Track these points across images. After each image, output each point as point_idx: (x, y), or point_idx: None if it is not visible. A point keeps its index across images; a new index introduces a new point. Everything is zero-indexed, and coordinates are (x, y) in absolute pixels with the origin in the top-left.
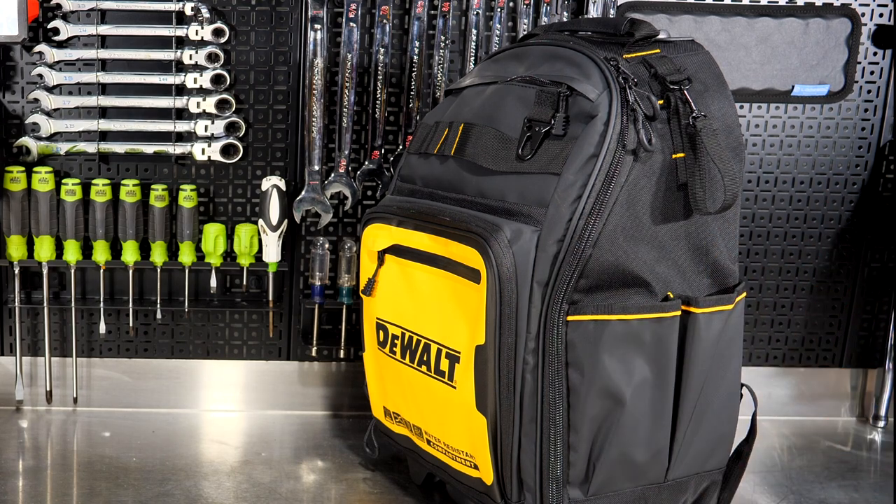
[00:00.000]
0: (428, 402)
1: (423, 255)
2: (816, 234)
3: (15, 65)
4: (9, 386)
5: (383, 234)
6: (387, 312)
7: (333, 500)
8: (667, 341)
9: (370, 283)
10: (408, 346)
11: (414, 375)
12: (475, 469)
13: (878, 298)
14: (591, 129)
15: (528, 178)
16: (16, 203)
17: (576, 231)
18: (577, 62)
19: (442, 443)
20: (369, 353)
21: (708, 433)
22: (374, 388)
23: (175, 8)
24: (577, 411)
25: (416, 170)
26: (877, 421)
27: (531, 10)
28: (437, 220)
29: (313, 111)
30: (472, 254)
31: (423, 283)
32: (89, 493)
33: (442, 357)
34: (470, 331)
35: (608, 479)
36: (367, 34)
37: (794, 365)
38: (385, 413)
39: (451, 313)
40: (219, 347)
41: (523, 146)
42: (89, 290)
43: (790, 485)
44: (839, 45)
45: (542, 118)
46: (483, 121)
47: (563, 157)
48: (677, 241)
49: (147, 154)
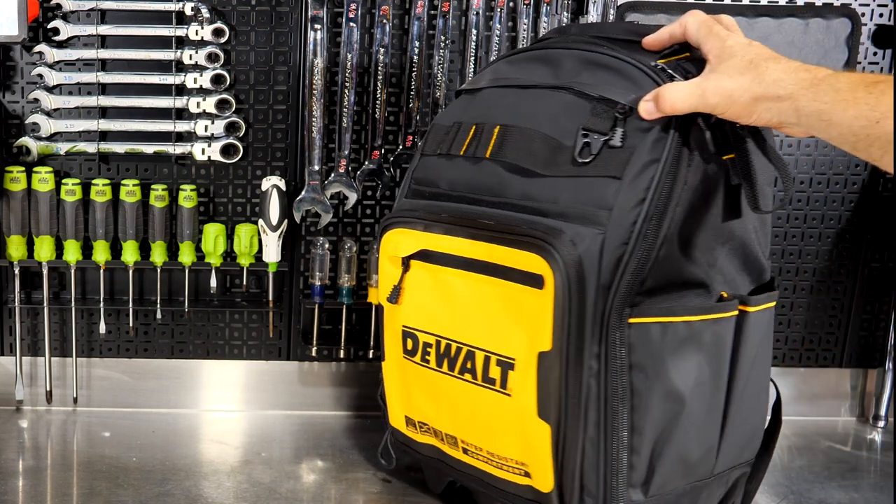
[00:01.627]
0: (469, 410)
1: (461, 261)
2: (816, 234)
3: (15, 65)
4: (9, 386)
5: (408, 239)
6: (416, 320)
7: (333, 500)
8: (724, 340)
9: (396, 290)
10: (445, 354)
11: (452, 384)
12: (525, 477)
13: (878, 298)
14: (650, 136)
15: (585, 182)
16: (16, 203)
17: (640, 234)
18: (625, 72)
19: (485, 451)
20: (391, 363)
21: (745, 426)
22: (394, 398)
23: (175, 8)
24: (641, 414)
25: (437, 172)
26: (877, 421)
27: (531, 9)
28: (479, 224)
29: (313, 111)
30: (531, 259)
31: (463, 290)
32: (89, 493)
33: (491, 365)
34: (528, 337)
35: (666, 479)
36: (367, 34)
37: (794, 365)
38: (407, 423)
39: (501, 320)
40: (219, 347)
41: (580, 151)
42: (89, 290)
43: (790, 485)
44: (839, 45)
45: (600, 129)
46: (524, 123)
47: (622, 162)
48: (726, 240)
49: (147, 154)
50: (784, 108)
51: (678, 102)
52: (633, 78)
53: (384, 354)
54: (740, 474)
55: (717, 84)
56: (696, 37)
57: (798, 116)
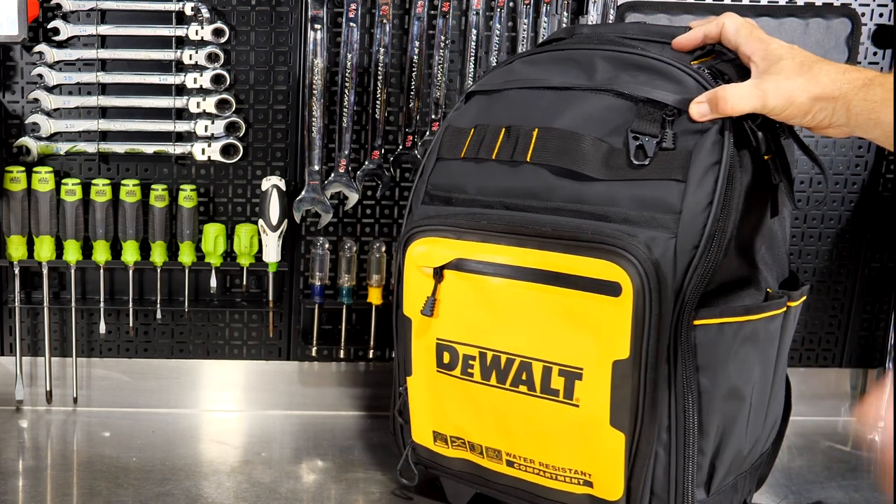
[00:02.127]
0: (520, 423)
1: (509, 270)
2: (816, 234)
3: (15, 65)
4: (9, 386)
5: (439, 248)
6: (455, 333)
7: (333, 500)
8: (774, 336)
9: (431, 302)
10: (493, 366)
11: (500, 397)
12: (585, 486)
13: (878, 298)
14: (708, 138)
15: (645, 185)
16: (16, 203)
17: (710, 236)
18: (667, 74)
19: (537, 463)
20: (421, 378)
21: (773, 415)
22: (421, 413)
23: (175, 8)
24: (707, 415)
25: (462, 177)
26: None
27: (531, 9)
28: (530, 230)
29: (313, 111)
30: (604, 266)
31: (513, 300)
32: (89, 493)
33: (553, 375)
34: (600, 346)
35: (725, 475)
36: (367, 34)
37: (794, 365)
38: (435, 438)
39: (562, 329)
40: (219, 347)
41: (635, 154)
42: (89, 290)
43: (790, 485)
44: (839, 45)
45: (650, 131)
46: (565, 126)
47: (682, 164)
48: (767, 238)
49: (147, 154)
50: (838, 107)
51: (739, 104)
52: (676, 79)
53: (410, 369)
54: (761, 462)
55: (777, 85)
56: (736, 39)
57: (848, 116)
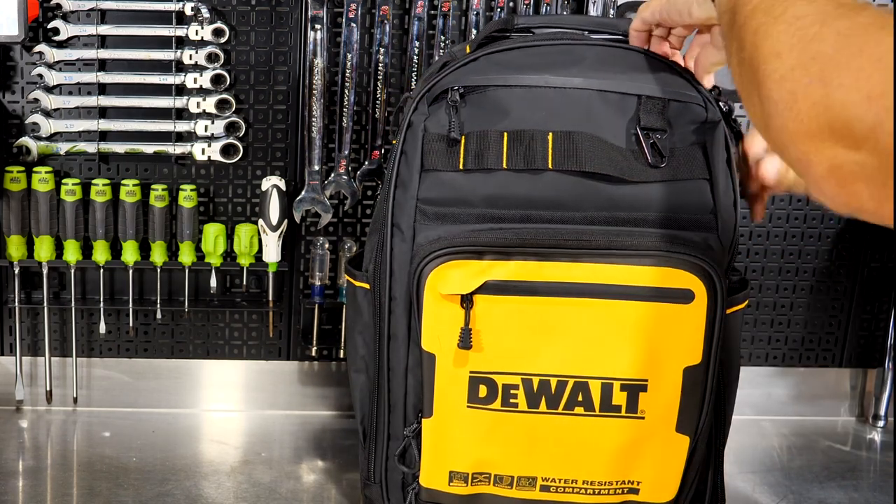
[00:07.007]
0: (569, 445)
1: (552, 288)
2: (816, 234)
3: (15, 65)
4: (9, 386)
5: (463, 272)
6: (493, 363)
7: (333, 500)
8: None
9: (466, 333)
10: (541, 392)
11: (543, 422)
12: (630, 494)
13: (878, 298)
14: (719, 134)
15: (676, 186)
16: (16, 203)
17: (738, 232)
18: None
19: (580, 482)
20: (444, 418)
21: None
22: (436, 455)
23: (175, 8)
24: (729, 404)
25: (466, 190)
26: (876, 421)
27: (531, 10)
28: (575, 242)
29: (313, 111)
30: (672, 273)
31: (563, 319)
32: (89, 493)
33: (614, 391)
34: (669, 354)
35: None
36: (367, 34)
37: (794, 365)
38: (451, 478)
39: (625, 343)
40: (219, 347)
41: (650, 152)
42: (89, 290)
43: (790, 484)
44: None
45: (658, 127)
46: (581, 128)
47: (701, 161)
48: None
49: (147, 154)
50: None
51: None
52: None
53: (431, 410)
54: None
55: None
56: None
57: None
